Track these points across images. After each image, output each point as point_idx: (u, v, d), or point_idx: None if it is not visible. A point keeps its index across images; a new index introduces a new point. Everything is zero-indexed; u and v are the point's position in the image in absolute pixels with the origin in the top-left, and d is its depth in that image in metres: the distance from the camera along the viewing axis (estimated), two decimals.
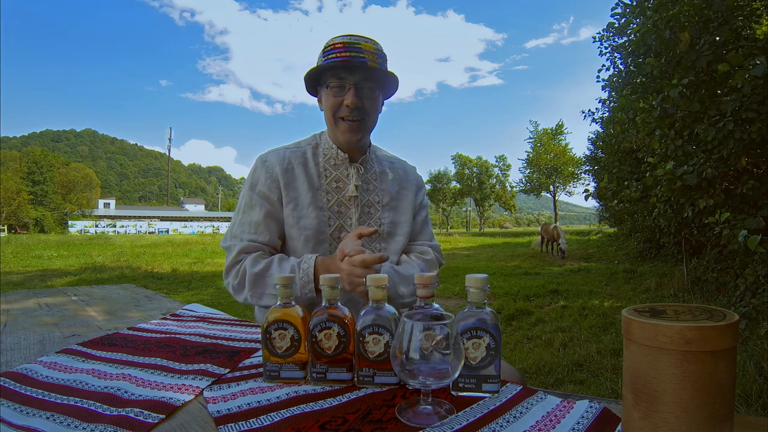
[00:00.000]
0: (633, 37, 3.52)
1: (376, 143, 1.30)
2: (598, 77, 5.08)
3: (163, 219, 49.63)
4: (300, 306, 0.77)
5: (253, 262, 1.08)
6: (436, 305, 0.70)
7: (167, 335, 1.05)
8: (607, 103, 6.92)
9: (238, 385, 0.73)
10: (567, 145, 36.93)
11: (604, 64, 4.87)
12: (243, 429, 0.58)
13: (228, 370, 0.80)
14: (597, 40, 4.71)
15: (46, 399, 0.68)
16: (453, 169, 49.21)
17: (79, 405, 0.65)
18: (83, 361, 0.86)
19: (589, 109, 7.52)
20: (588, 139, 13.68)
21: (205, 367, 0.81)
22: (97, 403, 0.66)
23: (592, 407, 0.63)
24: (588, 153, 14.70)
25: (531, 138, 38.25)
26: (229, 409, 0.64)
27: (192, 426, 0.60)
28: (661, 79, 2.91)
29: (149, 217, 52.51)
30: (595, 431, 0.57)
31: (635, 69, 3.71)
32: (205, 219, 53.00)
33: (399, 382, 0.72)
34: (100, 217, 50.18)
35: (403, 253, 1.23)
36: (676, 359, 0.43)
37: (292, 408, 0.64)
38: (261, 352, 0.77)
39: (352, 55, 1.05)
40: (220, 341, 1.00)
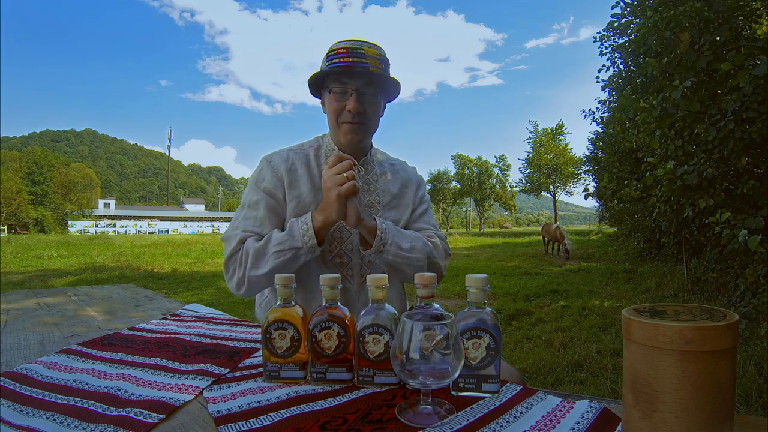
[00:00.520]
0: (633, 36, 3.52)
1: (376, 143, 1.31)
2: (598, 77, 5.08)
3: (163, 219, 49.60)
4: (300, 306, 0.77)
5: (253, 241, 1.08)
6: (436, 305, 0.70)
7: (167, 335, 1.05)
8: (607, 104, 6.92)
9: (238, 385, 0.73)
10: (567, 145, 36.91)
11: (604, 64, 4.87)
12: (243, 429, 0.58)
13: (228, 370, 0.80)
14: (597, 39, 4.70)
15: (46, 399, 0.68)
16: (453, 169, 49.21)
17: (79, 405, 0.65)
18: (83, 361, 0.86)
19: (590, 109, 7.51)
20: (588, 139, 13.67)
21: (205, 367, 0.81)
22: (97, 403, 0.66)
23: (592, 407, 0.63)
24: (588, 153, 14.70)
25: (531, 138, 38.25)
26: (229, 409, 0.64)
27: (192, 426, 0.60)
28: (661, 79, 2.91)
29: (149, 217, 52.49)
30: (595, 431, 0.57)
31: (635, 69, 3.71)
32: (205, 219, 52.98)
33: (399, 382, 0.72)
34: (100, 217, 50.17)
35: None
36: (676, 359, 0.43)
37: (292, 408, 0.64)
38: (261, 352, 0.77)
39: (355, 61, 1.06)
40: (220, 341, 1.00)
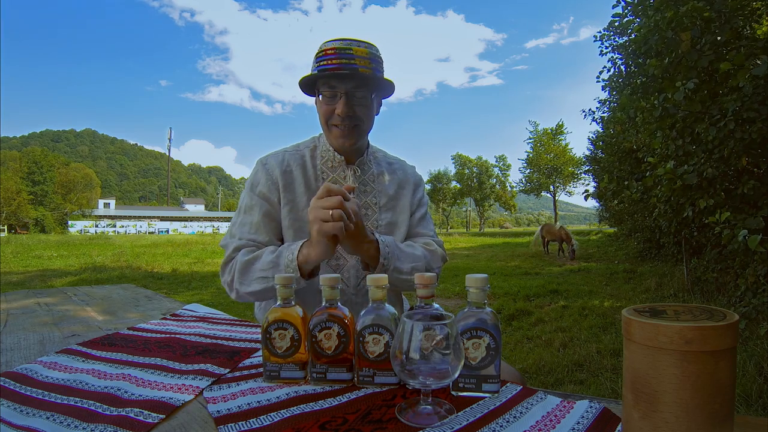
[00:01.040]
0: (634, 36, 3.52)
1: (375, 143, 1.29)
2: (598, 78, 5.07)
3: (163, 219, 49.61)
4: (300, 306, 0.77)
5: (244, 254, 1.07)
6: (436, 305, 0.70)
7: (167, 335, 1.05)
8: (607, 103, 6.92)
9: (238, 385, 0.73)
10: (567, 145, 36.91)
11: (605, 65, 4.85)
12: (243, 429, 0.58)
13: (228, 370, 0.80)
14: (598, 39, 4.69)
15: (46, 399, 0.68)
16: (453, 169, 49.22)
17: (79, 405, 0.65)
18: (83, 361, 0.86)
19: (590, 109, 7.51)
20: (588, 139, 13.69)
21: (205, 367, 0.80)
22: (97, 403, 0.66)
23: (592, 407, 0.63)
24: (588, 153, 14.72)
25: (531, 138, 38.24)
26: (229, 409, 0.64)
27: (192, 426, 0.60)
28: (662, 79, 2.90)
29: (149, 217, 52.50)
30: (595, 431, 0.57)
31: (636, 69, 3.71)
32: (205, 219, 52.99)
33: (399, 382, 0.72)
34: (100, 217, 50.18)
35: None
36: (676, 359, 0.43)
37: (292, 408, 0.64)
38: (261, 352, 0.77)
39: (343, 63, 1.02)
40: (220, 341, 1.00)
